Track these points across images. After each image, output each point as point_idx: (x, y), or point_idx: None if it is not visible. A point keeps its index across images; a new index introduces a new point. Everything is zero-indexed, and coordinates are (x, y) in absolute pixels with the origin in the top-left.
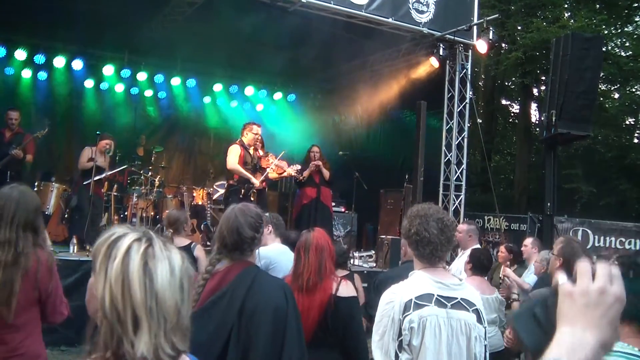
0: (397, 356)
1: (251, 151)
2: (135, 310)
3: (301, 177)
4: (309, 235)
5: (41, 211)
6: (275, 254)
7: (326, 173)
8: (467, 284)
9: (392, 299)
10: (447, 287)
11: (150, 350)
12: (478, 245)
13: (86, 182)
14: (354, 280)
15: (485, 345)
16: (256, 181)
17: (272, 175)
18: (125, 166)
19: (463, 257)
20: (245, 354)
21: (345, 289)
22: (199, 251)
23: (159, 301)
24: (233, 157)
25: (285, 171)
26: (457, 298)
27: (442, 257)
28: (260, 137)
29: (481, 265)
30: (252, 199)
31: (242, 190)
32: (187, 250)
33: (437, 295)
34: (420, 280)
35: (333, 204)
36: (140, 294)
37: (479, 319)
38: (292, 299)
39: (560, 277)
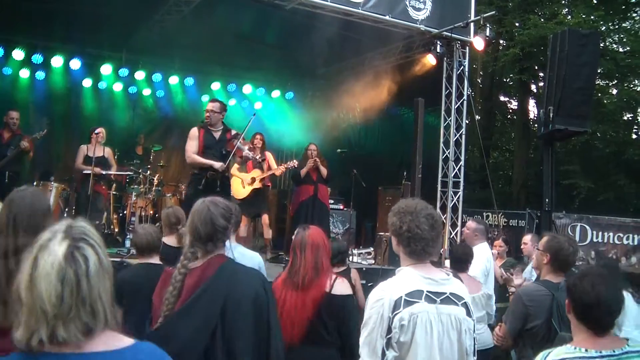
0: (384, 353)
1: (217, 134)
2: (21, 297)
3: (285, 167)
4: (305, 233)
5: (50, 215)
6: None
7: (324, 171)
8: (455, 278)
9: (381, 296)
10: (436, 283)
11: (23, 336)
12: (485, 244)
13: (86, 173)
14: (350, 275)
15: (475, 338)
16: (217, 164)
17: (259, 174)
18: (130, 173)
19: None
20: (231, 348)
21: (340, 287)
22: None
23: (35, 290)
24: (188, 146)
25: (242, 154)
26: (446, 293)
27: (432, 253)
28: (208, 113)
29: (456, 260)
30: (217, 189)
31: (204, 180)
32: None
33: (427, 291)
34: (409, 277)
35: (331, 201)
36: (24, 282)
37: (468, 313)
38: (271, 291)
39: None
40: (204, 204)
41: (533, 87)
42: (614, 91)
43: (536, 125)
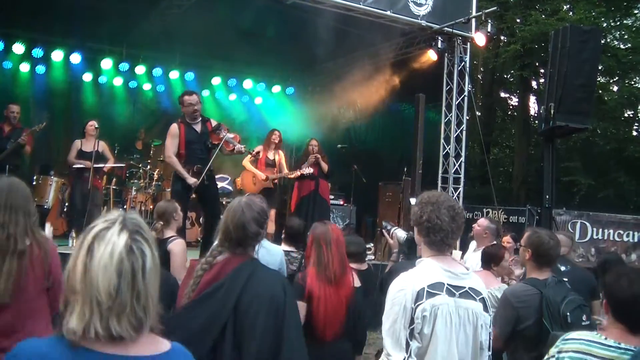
0: (407, 344)
1: (198, 127)
2: (75, 286)
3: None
4: (327, 228)
5: (33, 202)
6: None
7: (324, 166)
8: (473, 273)
9: (403, 286)
10: (456, 276)
11: (79, 327)
12: (494, 243)
13: (76, 167)
14: (372, 275)
15: (490, 333)
16: (191, 179)
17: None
18: (122, 164)
19: (477, 253)
20: (240, 347)
21: (356, 280)
22: (173, 245)
23: (91, 280)
24: (168, 144)
25: (234, 148)
26: (465, 287)
27: (452, 245)
28: (196, 107)
29: (484, 257)
30: (205, 182)
31: (190, 175)
32: (164, 242)
33: (447, 284)
34: (430, 269)
35: (331, 196)
36: (79, 271)
37: (485, 308)
38: (291, 293)
39: None
40: (239, 205)
41: (534, 83)
42: (615, 88)
43: (537, 121)
